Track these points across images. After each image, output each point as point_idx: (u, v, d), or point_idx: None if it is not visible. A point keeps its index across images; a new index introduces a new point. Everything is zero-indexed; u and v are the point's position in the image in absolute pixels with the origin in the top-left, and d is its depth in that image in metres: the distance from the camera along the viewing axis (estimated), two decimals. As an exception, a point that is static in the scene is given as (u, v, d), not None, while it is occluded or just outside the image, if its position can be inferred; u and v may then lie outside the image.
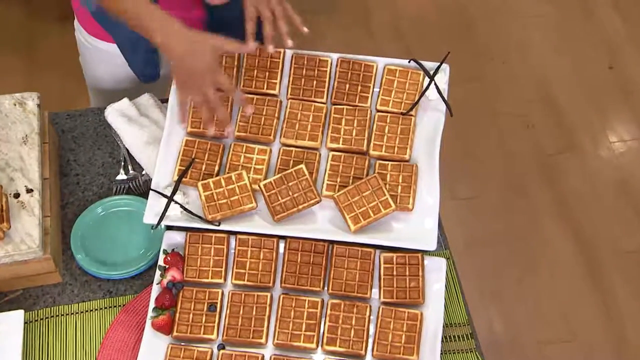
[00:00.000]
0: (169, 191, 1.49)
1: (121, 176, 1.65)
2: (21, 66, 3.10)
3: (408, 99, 1.57)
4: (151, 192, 1.49)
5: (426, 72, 1.58)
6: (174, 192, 1.48)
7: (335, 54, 1.61)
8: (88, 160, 1.68)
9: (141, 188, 1.63)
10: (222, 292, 1.45)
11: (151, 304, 1.43)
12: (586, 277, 2.69)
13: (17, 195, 1.48)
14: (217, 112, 1.46)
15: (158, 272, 1.46)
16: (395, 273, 1.46)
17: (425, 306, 1.45)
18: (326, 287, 1.46)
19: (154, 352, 1.40)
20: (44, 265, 1.46)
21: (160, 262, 1.47)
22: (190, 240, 1.48)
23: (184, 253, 1.48)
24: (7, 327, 1.41)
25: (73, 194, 1.63)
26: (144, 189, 1.61)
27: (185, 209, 1.47)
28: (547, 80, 3.17)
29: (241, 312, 1.43)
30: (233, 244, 1.49)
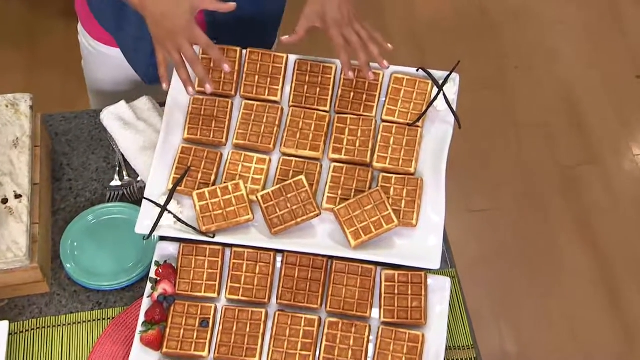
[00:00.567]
0: (163, 200, 1.48)
1: (115, 182, 1.65)
2: (22, 62, 3.11)
3: (415, 109, 1.56)
4: (144, 200, 1.48)
5: (435, 81, 1.56)
6: (167, 201, 1.47)
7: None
8: (82, 165, 1.68)
9: (136, 195, 1.63)
10: (215, 307, 1.45)
11: (141, 318, 1.42)
12: (604, 297, 2.67)
13: (5, 201, 1.47)
14: (194, 69, 1.44)
15: (149, 285, 1.45)
16: (396, 292, 1.45)
17: (427, 327, 1.43)
18: (324, 305, 1.45)
19: (142, 368, 1.39)
20: (31, 274, 1.46)
21: (152, 274, 1.46)
22: (184, 251, 1.48)
23: (176, 265, 1.47)
24: (-10, 338, 1.41)
25: (65, 199, 1.63)
26: (139, 196, 1.61)
27: (179, 219, 1.46)
28: (569, 89, 3.15)
29: (234, 328, 1.42)
30: (228, 256, 1.48)
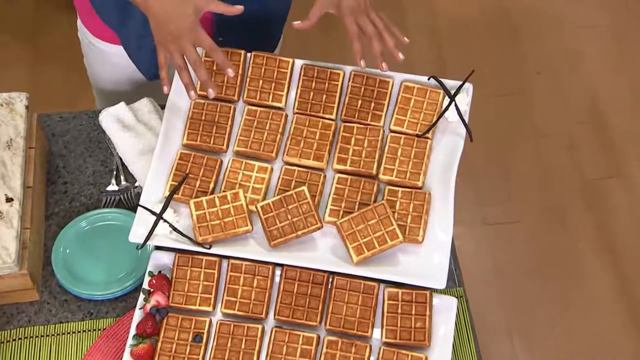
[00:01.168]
0: (159, 208, 1.48)
1: (112, 187, 1.65)
2: (25, 57, 3.13)
3: (425, 119, 1.55)
4: (139, 208, 1.48)
5: (446, 91, 1.55)
6: (163, 210, 1.47)
7: (349, 67, 1.59)
8: (78, 168, 1.68)
9: (132, 201, 1.63)
10: (210, 322, 1.44)
11: (132, 331, 1.42)
12: (626, 318, 2.63)
13: (-5, 205, 1.48)
14: (197, 73, 1.44)
15: (142, 296, 1.45)
16: (399, 311, 1.44)
17: (431, 350, 1.42)
18: (323, 322, 1.44)
19: (131, 383, 1.39)
20: (20, 281, 1.46)
21: (145, 285, 1.46)
22: (179, 262, 1.47)
23: (171, 276, 1.47)
24: (-24, 347, 1.41)
25: (59, 203, 1.63)
26: (136, 203, 1.59)
27: (175, 229, 1.45)
28: (595, 97, 3.12)
29: (229, 344, 1.41)
30: (225, 268, 1.47)
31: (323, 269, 1.45)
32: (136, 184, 1.64)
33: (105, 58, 1.83)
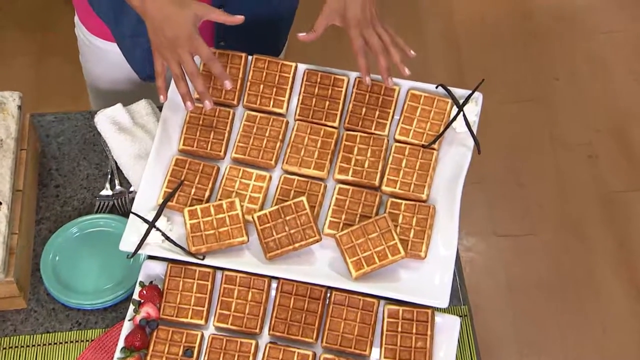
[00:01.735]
0: (152, 215, 1.47)
1: (106, 192, 1.64)
2: (33, 50, 3.14)
3: (432, 129, 1.53)
4: (131, 215, 1.47)
5: (455, 100, 1.53)
6: (156, 218, 1.46)
7: (354, 73, 1.58)
8: (71, 171, 1.67)
9: (127, 207, 1.62)
10: (202, 335, 1.43)
11: (120, 343, 1.41)
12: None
13: (-18, 208, 1.47)
14: (194, 83, 1.44)
15: (131, 307, 1.44)
16: (400, 329, 1.42)
17: (431, 371, 1.40)
18: (320, 339, 1.43)
19: (117, 398, 1.38)
20: (6, 288, 1.45)
21: (135, 296, 1.45)
22: (171, 272, 1.46)
23: (162, 287, 1.45)
24: (-42, 356, 1.41)
25: (50, 207, 1.62)
26: (130, 209, 1.59)
27: (167, 238, 1.44)
28: (617, 106, 3.09)
29: (221, 359, 1.40)
30: (219, 280, 1.46)
31: (320, 283, 1.44)
32: (131, 189, 1.63)
33: (101, 56, 1.83)
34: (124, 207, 1.62)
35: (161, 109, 1.64)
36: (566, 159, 2.96)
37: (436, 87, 1.56)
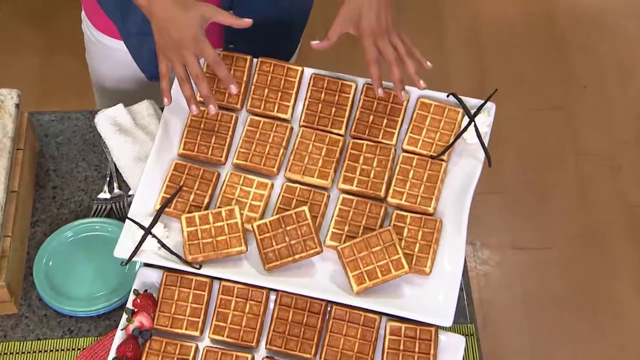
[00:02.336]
0: (149, 221, 1.46)
1: (104, 195, 1.63)
2: (40, 43, 3.15)
3: (441, 140, 1.51)
4: (127, 220, 1.46)
5: (466, 110, 1.51)
6: (152, 224, 1.45)
7: (362, 79, 1.56)
8: (69, 172, 1.66)
9: (124, 211, 1.61)
10: (196, 347, 1.41)
11: (111, 353, 1.40)
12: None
13: (-26, 210, 1.47)
14: (198, 87, 1.43)
15: (125, 316, 1.43)
16: (401, 347, 1.41)
17: (433, 391, 1.39)
18: (318, 355, 1.41)
19: (107, 410, 1.37)
20: (-4, 293, 1.45)
21: (129, 304, 1.44)
22: (167, 281, 1.45)
23: (157, 296, 1.44)
24: (-55, 362, 1.40)
25: (46, 209, 1.62)
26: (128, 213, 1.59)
27: (163, 245, 1.43)
28: (646, 116, 3.07)
29: (215, 373, 1.40)
30: (216, 290, 1.45)
31: (320, 297, 1.42)
32: (130, 192, 1.62)
33: (108, 54, 1.83)
34: (121, 211, 1.61)
35: (163, 110, 1.64)
36: (589, 169, 2.93)
37: (447, 96, 1.54)
